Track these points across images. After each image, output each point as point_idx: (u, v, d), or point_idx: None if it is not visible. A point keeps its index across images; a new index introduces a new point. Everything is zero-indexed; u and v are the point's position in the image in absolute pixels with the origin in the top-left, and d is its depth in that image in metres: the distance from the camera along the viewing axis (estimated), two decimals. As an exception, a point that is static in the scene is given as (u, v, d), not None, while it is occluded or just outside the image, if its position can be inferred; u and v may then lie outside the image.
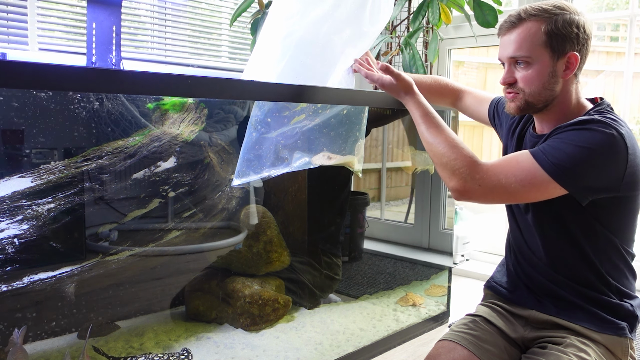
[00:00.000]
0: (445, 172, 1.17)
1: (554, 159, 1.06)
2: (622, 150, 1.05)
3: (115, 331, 1.62)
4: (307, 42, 1.55)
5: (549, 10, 1.13)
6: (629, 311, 1.18)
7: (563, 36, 1.11)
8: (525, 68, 1.15)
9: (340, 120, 1.73)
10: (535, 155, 1.09)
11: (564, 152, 1.05)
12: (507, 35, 1.17)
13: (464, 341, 1.23)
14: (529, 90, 1.16)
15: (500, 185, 1.10)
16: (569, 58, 1.13)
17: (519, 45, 1.14)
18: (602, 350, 1.16)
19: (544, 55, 1.13)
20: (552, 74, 1.14)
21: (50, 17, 2.23)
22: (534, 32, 1.13)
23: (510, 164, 1.11)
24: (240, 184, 1.61)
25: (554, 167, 1.06)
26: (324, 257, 2.11)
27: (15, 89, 1.04)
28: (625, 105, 2.92)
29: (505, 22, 1.18)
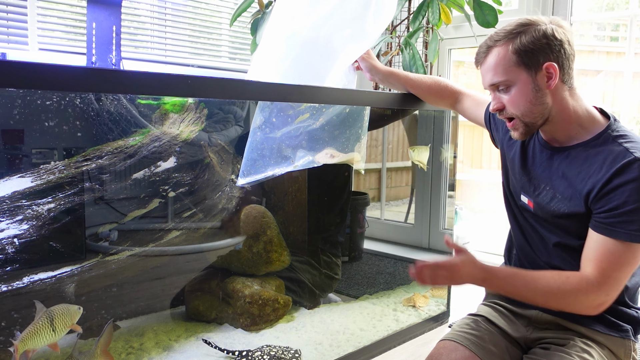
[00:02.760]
0: (572, 310, 1.13)
1: (637, 228, 1.03)
2: None
3: (115, 331, 1.62)
4: (310, 41, 1.56)
5: (512, 31, 1.13)
6: (634, 317, 1.18)
7: (532, 50, 1.11)
8: (508, 91, 1.15)
9: (344, 119, 1.73)
10: (621, 237, 1.05)
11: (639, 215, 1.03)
12: (482, 66, 1.18)
13: (466, 341, 1.23)
14: (519, 112, 1.15)
15: (621, 282, 1.08)
16: (547, 69, 1.11)
17: (494, 72, 1.15)
18: (606, 352, 1.16)
19: (520, 74, 1.12)
20: (536, 89, 1.13)
21: (50, 17, 2.23)
22: (502, 56, 1.13)
23: (611, 261, 1.07)
24: (245, 183, 1.61)
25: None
26: (323, 256, 2.11)
27: (15, 89, 1.04)
28: (625, 105, 2.92)
29: (477, 54, 1.19)
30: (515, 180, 1.30)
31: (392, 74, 1.65)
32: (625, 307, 1.18)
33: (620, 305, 1.17)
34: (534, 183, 1.24)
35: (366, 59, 1.65)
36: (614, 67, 3.51)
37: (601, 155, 1.10)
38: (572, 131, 1.16)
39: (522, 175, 1.28)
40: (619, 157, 1.06)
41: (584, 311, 1.10)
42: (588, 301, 1.08)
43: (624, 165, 1.05)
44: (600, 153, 1.10)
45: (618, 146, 1.08)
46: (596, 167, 1.10)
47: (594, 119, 1.16)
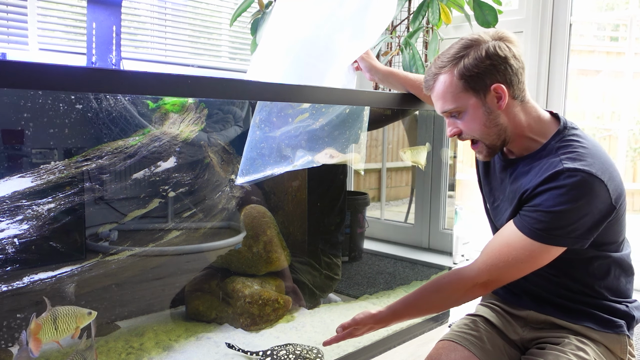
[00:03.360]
0: (461, 301, 1.19)
1: (543, 228, 1.06)
2: (599, 185, 1.04)
3: (115, 331, 1.62)
4: (310, 41, 1.56)
5: (455, 55, 1.12)
6: (625, 312, 1.18)
7: (477, 74, 1.10)
8: (461, 117, 1.15)
9: (344, 119, 1.73)
10: (524, 231, 1.08)
11: (550, 218, 1.05)
12: (432, 93, 1.18)
13: (465, 341, 1.23)
14: (477, 135, 1.16)
15: (504, 276, 1.12)
16: (495, 90, 1.11)
17: (443, 100, 1.15)
18: (602, 349, 1.16)
19: (469, 99, 1.12)
20: (488, 111, 1.12)
21: (50, 17, 2.23)
22: (449, 83, 1.12)
23: (502, 250, 1.11)
24: (244, 182, 1.61)
25: (547, 234, 1.06)
26: (323, 257, 2.11)
27: (15, 89, 1.04)
28: (625, 105, 2.92)
29: (425, 81, 1.19)
30: (483, 188, 1.35)
31: (391, 74, 1.65)
32: (615, 303, 1.19)
33: (610, 301, 1.19)
34: (493, 194, 1.28)
35: (366, 59, 1.65)
36: (614, 67, 3.51)
37: (540, 165, 1.11)
38: (525, 144, 1.17)
39: (486, 184, 1.32)
40: (550, 167, 1.08)
41: (461, 293, 1.15)
42: (471, 279, 1.13)
43: (552, 174, 1.06)
44: (540, 164, 1.12)
45: (555, 157, 1.09)
46: (532, 176, 1.12)
47: (546, 129, 1.16)
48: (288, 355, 1.57)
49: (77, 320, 1.21)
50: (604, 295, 1.18)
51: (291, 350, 1.59)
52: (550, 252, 1.08)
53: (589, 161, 1.05)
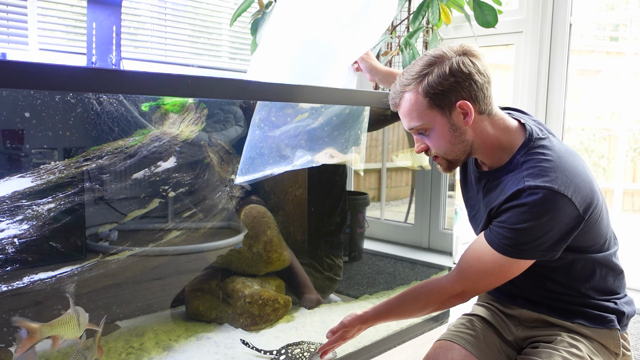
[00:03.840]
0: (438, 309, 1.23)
1: (509, 244, 1.08)
2: (562, 200, 1.04)
3: (116, 331, 1.62)
4: (311, 41, 1.56)
5: (420, 73, 1.12)
6: (614, 308, 1.19)
7: (442, 91, 1.09)
8: (427, 134, 1.16)
9: (343, 119, 1.73)
10: (493, 245, 1.11)
11: (514, 234, 1.07)
12: (398, 110, 1.19)
13: (462, 340, 1.23)
14: (442, 152, 1.17)
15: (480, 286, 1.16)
16: (460, 107, 1.10)
17: (409, 118, 1.15)
18: (595, 344, 1.17)
19: (435, 117, 1.12)
20: (453, 128, 1.13)
21: (50, 17, 2.23)
22: (414, 101, 1.12)
23: (474, 263, 1.14)
24: (243, 181, 1.61)
25: (514, 249, 1.08)
26: (324, 258, 2.11)
27: (15, 89, 1.04)
28: (625, 105, 2.92)
29: (391, 98, 1.19)
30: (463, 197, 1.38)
31: (391, 74, 1.66)
32: (604, 302, 1.20)
33: (598, 300, 1.20)
34: (471, 204, 1.31)
35: (366, 60, 1.65)
36: (614, 67, 3.51)
37: (506, 181, 1.13)
38: (495, 157, 1.18)
39: (465, 193, 1.35)
40: (514, 184, 1.09)
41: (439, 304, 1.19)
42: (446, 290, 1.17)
43: (514, 192, 1.07)
44: (506, 179, 1.13)
45: (519, 173, 1.10)
46: (499, 193, 1.13)
47: (513, 141, 1.16)
48: (303, 354, 1.58)
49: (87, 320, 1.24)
50: (592, 296, 1.19)
51: (306, 348, 1.60)
52: (520, 265, 1.10)
53: (551, 176, 1.05)
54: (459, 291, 1.15)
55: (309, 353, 1.58)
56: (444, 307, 1.21)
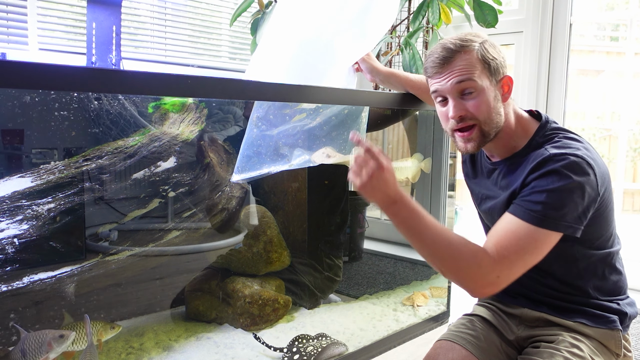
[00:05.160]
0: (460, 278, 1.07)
1: (541, 211, 1.04)
2: (587, 166, 1.06)
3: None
4: (311, 42, 1.56)
5: (473, 40, 1.14)
6: (616, 309, 1.20)
7: (497, 61, 1.14)
8: (473, 96, 1.13)
9: (341, 120, 1.73)
10: (524, 218, 1.06)
11: (546, 198, 1.04)
12: (444, 69, 1.14)
13: (462, 341, 1.23)
14: (482, 117, 1.14)
15: (516, 268, 1.05)
16: (505, 81, 1.16)
17: (466, 72, 1.12)
18: (596, 344, 1.17)
19: (486, 81, 1.14)
20: (496, 98, 1.15)
21: (50, 17, 2.23)
22: (472, 61, 1.12)
23: (511, 240, 1.06)
24: (239, 179, 1.61)
25: (542, 217, 1.04)
26: (324, 258, 2.11)
27: (15, 89, 1.04)
28: (625, 105, 2.92)
29: (437, 58, 1.15)
30: (471, 191, 1.38)
31: (392, 75, 1.66)
32: (606, 302, 1.20)
33: (600, 300, 1.20)
34: (481, 196, 1.31)
35: (366, 60, 1.65)
36: (614, 67, 3.51)
37: (527, 161, 1.14)
38: (509, 145, 1.20)
39: (473, 188, 1.35)
40: (537, 156, 1.11)
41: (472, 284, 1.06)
42: (479, 274, 1.04)
43: (540, 162, 1.09)
44: (527, 159, 1.14)
45: (542, 150, 1.12)
46: (521, 170, 1.14)
47: (527, 129, 1.20)
48: (317, 349, 1.59)
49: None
50: (594, 295, 1.19)
51: (317, 345, 1.62)
52: (550, 239, 1.06)
53: (573, 147, 1.09)
54: (494, 276, 1.03)
55: (322, 349, 1.58)
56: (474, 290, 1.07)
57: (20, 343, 1.17)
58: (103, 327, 1.29)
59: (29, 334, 1.17)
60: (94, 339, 1.27)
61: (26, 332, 1.17)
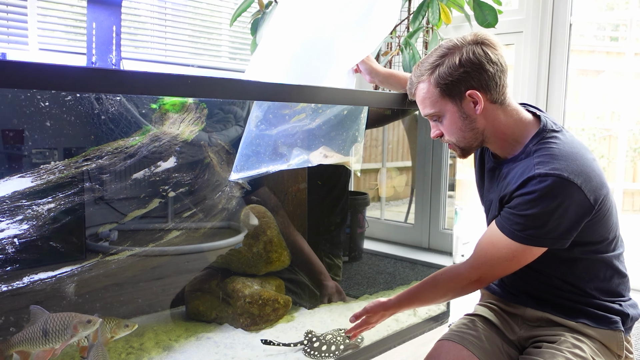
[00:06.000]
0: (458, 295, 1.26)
1: (520, 230, 1.10)
2: (571, 187, 1.05)
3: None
4: (312, 42, 1.56)
5: (432, 64, 1.16)
6: (619, 310, 1.20)
7: (451, 82, 1.14)
8: (441, 121, 1.20)
9: (340, 121, 1.73)
10: (504, 232, 1.13)
11: (524, 221, 1.09)
12: (415, 98, 1.24)
13: (464, 341, 1.23)
14: (454, 139, 1.21)
15: (493, 274, 1.18)
16: (470, 96, 1.14)
17: (423, 106, 1.21)
18: (598, 345, 1.17)
19: (446, 105, 1.16)
20: (464, 116, 1.16)
21: (50, 17, 2.23)
22: (427, 90, 1.18)
23: (488, 249, 1.17)
24: (237, 178, 1.62)
25: (525, 235, 1.10)
26: (324, 258, 2.11)
27: (15, 89, 1.04)
28: (625, 106, 2.92)
29: (408, 88, 1.26)
30: (478, 189, 1.41)
31: (391, 76, 1.65)
32: (609, 303, 1.20)
33: (603, 301, 1.20)
34: (485, 194, 1.33)
35: (365, 62, 1.65)
36: (614, 67, 3.51)
37: (517, 169, 1.15)
38: (508, 146, 1.20)
39: (479, 186, 1.38)
40: (525, 172, 1.12)
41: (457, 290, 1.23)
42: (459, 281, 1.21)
43: (525, 180, 1.10)
44: (518, 166, 1.15)
45: (530, 161, 1.12)
46: (509, 180, 1.16)
47: (526, 131, 1.19)
48: (336, 338, 1.64)
49: None
50: (596, 296, 1.19)
51: (335, 334, 1.67)
52: (532, 252, 1.12)
53: (562, 164, 1.07)
54: (476, 277, 1.18)
55: (341, 337, 1.65)
56: (464, 293, 1.23)
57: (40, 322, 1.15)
58: (117, 325, 1.28)
59: (51, 314, 1.16)
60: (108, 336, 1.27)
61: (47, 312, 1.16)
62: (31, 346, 1.14)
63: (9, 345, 1.14)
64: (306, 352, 1.62)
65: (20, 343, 1.14)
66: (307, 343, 1.64)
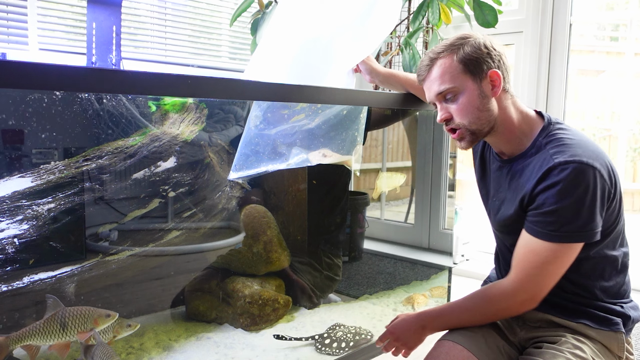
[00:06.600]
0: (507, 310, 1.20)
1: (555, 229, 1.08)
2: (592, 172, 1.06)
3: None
4: (312, 43, 1.56)
5: (454, 43, 1.17)
6: (620, 312, 1.19)
7: (476, 59, 1.15)
8: (455, 100, 1.17)
9: (340, 121, 1.73)
10: (541, 237, 1.10)
11: (557, 217, 1.07)
12: (426, 78, 1.21)
13: (464, 341, 1.23)
14: (467, 120, 1.17)
15: (543, 283, 1.13)
16: (491, 76, 1.15)
17: (441, 81, 1.17)
18: (598, 346, 1.17)
19: (467, 82, 1.16)
20: (482, 95, 1.16)
21: (50, 17, 2.23)
22: (449, 65, 1.17)
23: (532, 260, 1.12)
24: (237, 177, 1.62)
25: (560, 234, 1.08)
26: (324, 257, 2.11)
27: (15, 89, 1.04)
28: (625, 106, 2.92)
29: (420, 69, 1.23)
30: (480, 191, 1.38)
31: (392, 75, 1.65)
32: (611, 304, 1.20)
33: (605, 302, 1.19)
34: (489, 194, 1.31)
35: (365, 62, 1.65)
36: (614, 67, 3.51)
37: (533, 164, 1.14)
38: (515, 142, 1.20)
39: (482, 187, 1.36)
40: (543, 164, 1.11)
41: (512, 310, 1.18)
42: (511, 301, 1.15)
43: (545, 172, 1.09)
44: (532, 162, 1.15)
45: (545, 153, 1.12)
46: (528, 176, 1.14)
47: (533, 127, 1.19)
48: (346, 335, 1.67)
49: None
50: (599, 297, 1.19)
51: (346, 330, 1.71)
52: (574, 249, 1.10)
53: (577, 151, 1.08)
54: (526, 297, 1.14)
55: (352, 334, 1.67)
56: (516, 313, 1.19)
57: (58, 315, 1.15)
58: (119, 324, 1.28)
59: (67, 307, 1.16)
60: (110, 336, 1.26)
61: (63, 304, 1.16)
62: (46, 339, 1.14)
63: (18, 338, 1.13)
64: (317, 347, 1.66)
65: (33, 335, 1.14)
66: (318, 338, 1.68)
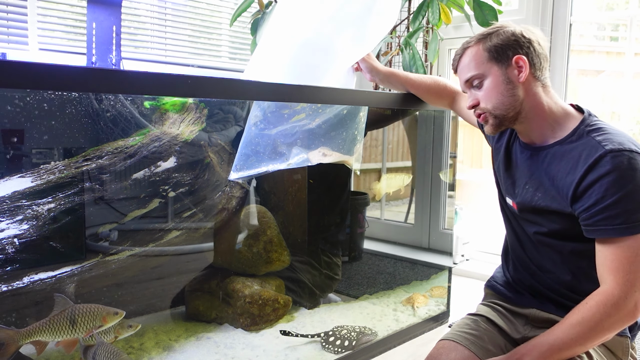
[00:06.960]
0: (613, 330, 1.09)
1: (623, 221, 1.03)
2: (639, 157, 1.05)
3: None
4: (311, 42, 1.56)
5: (483, 33, 1.21)
6: None
7: (502, 46, 1.17)
8: (480, 86, 1.21)
9: (340, 120, 1.73)
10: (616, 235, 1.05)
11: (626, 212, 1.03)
12: (458, 67, 1.25)
13: (465, 341, 1.23)
14: (491, 105, 1.19)
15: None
16: (516, 62, 1.16)
17: (468, 69, 1.21)
18: (603, 350, 1.16)
19: (492, 68, 1.18)
20: (507, 81, 1.17)
21: (50, 17, 2.23)
22: (475, 53, 1.20)
23: (633, 263, 1.05)
24: (237, 177, 1.62)
25: (631, 225, 1.03)
26: (323, 257, 2.11)
27: (15, 89, 1.04)
28: (625, 106, 2.92)
29: (454, 61, 1.27)
30: (502, 184, 1.33)
31: (392, 75, 1.65)
32: None
33: None
34: (516, 184, 1.27)
35: (366, 60, 1.65)
36: (614, 67, 3.51)
37: (576, 152, 1.12)
38: (547, 129, 1.18)
39: (506, 178, 1.31)
40: (591, 152, 1.08)
41: (626, 320, 1.07)
42: (621, 311, 1.05)
43: (596, 160, 1.06)
44: (575, 149, 1.12)
45: (591, 140, 1.10)
46: (572, 165, 1.11)
47: (569, 116, 1.18)
48: (350, 333, 1.70)
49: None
50: None
51: (351, 329, 1.74)
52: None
53: (623, 139, 1.07)
54: (632, 305, 1.05)
55: (355, 333, 1.70)
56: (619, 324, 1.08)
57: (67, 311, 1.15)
58: (120, 325, 1.28)
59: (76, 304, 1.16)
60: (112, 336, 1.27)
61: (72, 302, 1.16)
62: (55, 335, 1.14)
63: (27, 334, 1.14)
64: (322, 345, 1.69)
65: (42, 331, 1.14)
66: (323, 336, 1.70)
